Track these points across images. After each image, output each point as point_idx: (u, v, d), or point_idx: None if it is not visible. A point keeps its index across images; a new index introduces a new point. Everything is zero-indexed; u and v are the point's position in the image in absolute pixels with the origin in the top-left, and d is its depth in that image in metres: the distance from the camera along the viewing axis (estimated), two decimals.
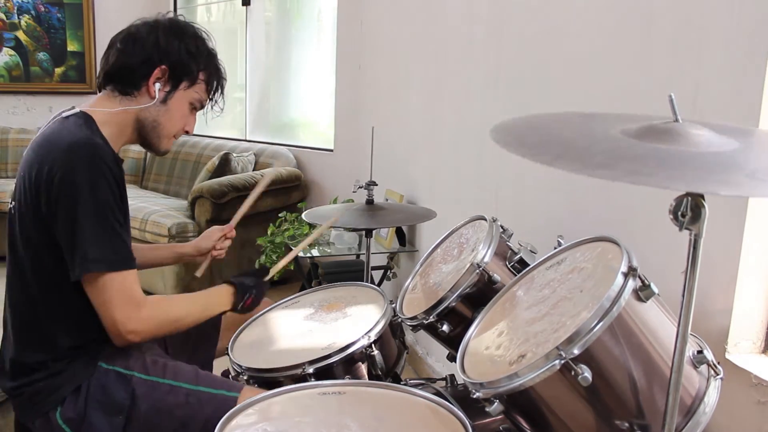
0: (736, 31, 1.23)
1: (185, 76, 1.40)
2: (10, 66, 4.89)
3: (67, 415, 1.32)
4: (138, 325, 1.29)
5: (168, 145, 1.46)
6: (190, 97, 1.43)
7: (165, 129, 1.43)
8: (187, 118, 1.46)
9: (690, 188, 0.76)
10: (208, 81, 1.45)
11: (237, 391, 1.35)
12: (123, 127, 1.40)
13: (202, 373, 1.41)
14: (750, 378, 1.21)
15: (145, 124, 1.41)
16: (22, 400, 1.36)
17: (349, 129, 3.64)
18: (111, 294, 1.27)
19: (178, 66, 1.39)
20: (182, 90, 1.41)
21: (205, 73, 1.43)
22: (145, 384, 1.35)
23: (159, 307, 1.35)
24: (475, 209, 1.68)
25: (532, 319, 1.11)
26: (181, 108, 1.43)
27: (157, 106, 1.39)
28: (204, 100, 1.47)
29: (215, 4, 5.02)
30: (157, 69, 1.37)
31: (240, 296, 1.45)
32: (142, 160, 4.81)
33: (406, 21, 2.93)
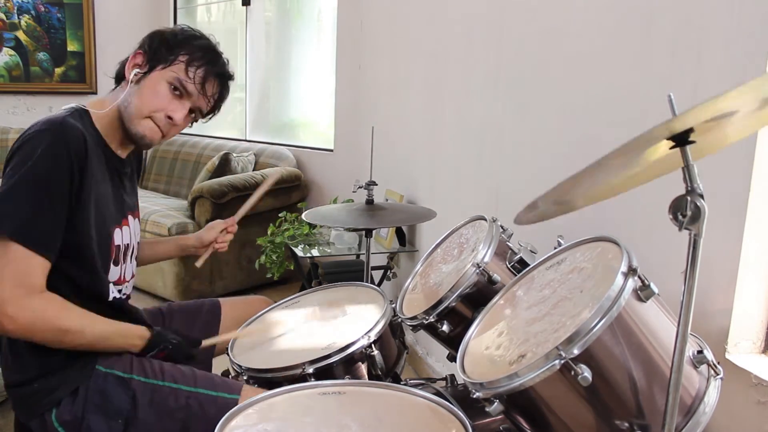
0: (736, 31, 1.23)
1: (161, 56, 1.38)
2: (10, 66, 4.89)
3: (63, 418, 1.31)
4: (19, 311, 1.21)
5: (143, 126, 1.37)
6: (166, 76, 1.37)
7: (135, 108, 1.36)
8: (168, 100, 1.38)
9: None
10: (190, 61, 1.38)
11: (237, 393, 1.34)
12: (113, 123, 1.40)
13: (200, 374, 1.41)
14: (750, 378, 1.21)
15: (120, 109, 1.38)
16: (19, 400, 1.36)
17: (349, 129, 3.64)
18: (5, 265, 1.20)
19: (153, 49, 1.39)
20: (158, 71, 1.38)
21: (186, 53, 1.39)
22: (145, 387, 1.34)
23: (52, 306, 1.26)
24: (475, 209, 1.68)
25: (532, 319, 1.11)
26: (154, 86, 1.37)
27: (131, 88, 1.38)
28: (186, 82, 1.38)
29: (215, 4, 5.02)
30: (131, 56, 1.41)
31: (153, 343, 1.38)
32: (142, 160, 4.82)
33: (406, 21, 2.93)
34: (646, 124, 0.93)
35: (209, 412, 1.32)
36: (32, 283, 1.23)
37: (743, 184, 1.22)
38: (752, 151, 1.20)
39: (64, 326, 1.27)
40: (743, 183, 1.22)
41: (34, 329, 1.25)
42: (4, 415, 2.25)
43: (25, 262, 1.21)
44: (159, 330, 1.42)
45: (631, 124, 1.50)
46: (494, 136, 2.15)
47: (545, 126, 1.86)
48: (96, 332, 1.31)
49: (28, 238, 1.21)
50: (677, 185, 0.87)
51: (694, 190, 0.84)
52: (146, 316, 1.60)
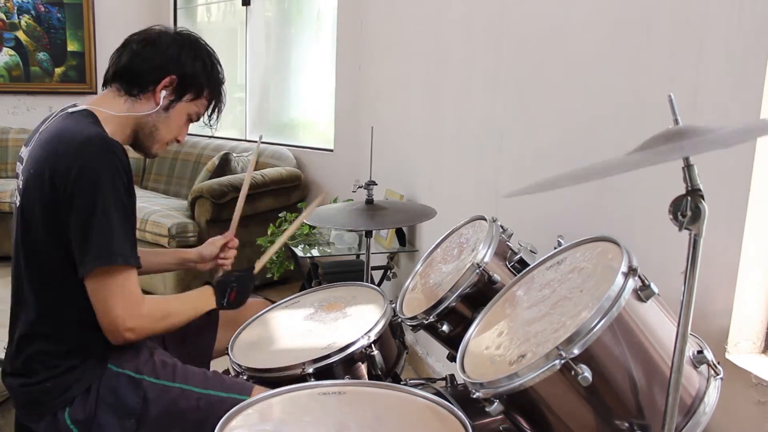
0: (736, 31, 1.23)
1: (192, 89, 1.44)
2: (10, 66, 4.89)
3: (76, 417, 1.32)
4: (137, 322, 1.31)
5: (159, 150, 1.50)
6: (189, 110, 1.47)
7: (161, 135, 1.46)
8: (182, 128, 1.50)
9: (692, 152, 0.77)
10: (210, 100, 1.49)
11: (247, 394, 1.34)
12: (123, 128, 1.42)
13: (211, 375, 1.42)
14: (750, 378, 1.21)
15: (144, 128, 1.44)
16: (30, 399, 1.36)
17: (349, 129, 3.64)
18: (114, 289, 1.28)
19: (187, 79, 1.42)
20: (185, 102, 1.45)
21: (210, 92, 1.48)
22: (155, 388, 1.35)
23: (156, 306, 1.38)
24: (475, 209, 1.68)
25: (532, 319, 1.11)
26: (180, 118, 1.46)
27: (158, 113, 1.43)
28: (201, 116, 1.51)
29: (215, 4, 5.02)
30: (167, 77, 1.40)
31: (221, 294, 1.48)
32: (142, 160, 4.81)
33: (406, 21, 2.93)
34: (646, 124, 0.94)
35: (220, 414, 1.32)
36: (138, 295, 1.32)
37: (743, 184, 1.22)
38: (752, 151, 1.20)
39: (168, 316, 1.40)
40: (743, 183, 1.22)
41: (152, 331, 1.37)
42: (4, 415, 2.25)
43: (128, 280, 1.30)
44: (217, 280, 1.53)
45: (631, 124, 1.50)
46: (494, 136, 2.14)
47: (545, 126, 1.86)
48: (188, 307, 1.45)
49: (128, 259, 1.29)
50: (677, 185, 0.87)
51: (694, 190, 0.84)
52: None
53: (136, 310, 1.30)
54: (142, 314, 1.32)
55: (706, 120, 1.27)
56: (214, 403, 1.34)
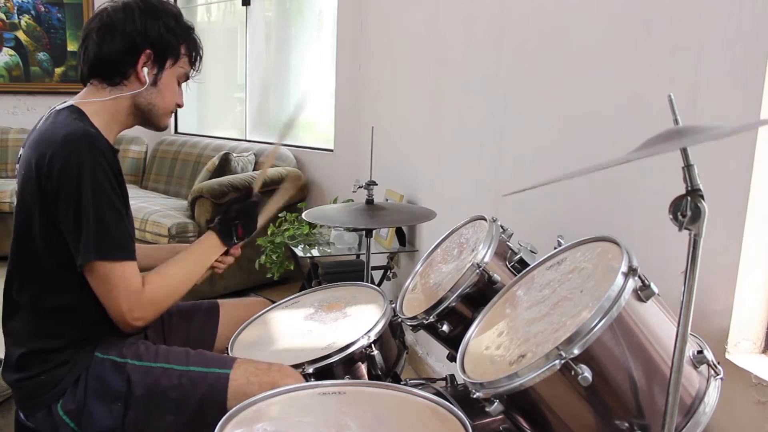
0: (736, 31, 1.23)
1: (170, 54, 1.41)
2: (10, 66, 4.89)
3: (68, 407, 1.33)
4: (144, 310, 1.33)
5: (167, 121, 1.50)
6: (176, 73, 1.45)
7: (161, 108, 1.45)
8: (179, 93, 1.48)
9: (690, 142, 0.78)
10: (190, 54, 1.46)
11: (229, 368, 1.35)
12: (116, 115, 1.41)
13: (194, 353, 1.42)
14: (750, 378, 1.21)
15: (141, 108, 1.43)
16: (25, 394, 1.37)
17: (349, 129, 3.64)
18: (114, 284, 1.29)
19: (161, 47, 1.39)
20: (168, 68, 1.42)
21: (186, 46, 1.45)
22: (138, 370, 1.36)
23: (158, 287, 1.37)
24: (475, 209, 1.68)
25: (532, 319, 1.11)
26: (171, 86, 1.45)
27: (149, 89, 1.41)
28: (189, 72, 1.48)
29: (215, 4, 5.02)
30: (142, 54, 1.38)
31: (226, 235, 1.49)
32: (142, 160, 4.81)
33: (406, 21, 2.93)
34: (646, 124, 0.94)
35: (202, 389, 1.33)
36: (138, 284, 1.32)
37: (743, 184, 1.22)
38: (752, 151, 1.20)
39: (173, 289, 1.40)
40: (743, 183, 1.22)
41: (162, 309, 1.38)
42: (3, 415, 2.25)
43: (125, 272, 1.30)
44: (218, 220, 1.51)
45: (631, 124, 1.50)
46: (494, 136, 2.15)
47: (545, 126, 1.86)
48: (191, 265, 1.45)
49: (119, 253, 1.29)
50: (677, 185, 0.87)
51: (694, 190, 0.84)
52: None
53: (137, 301, 1.31)
54: (144, 302, 1.32)
55: (706, 120, 1.27)
56: (196, 379, 1.35)
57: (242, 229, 1.51)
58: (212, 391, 1.32)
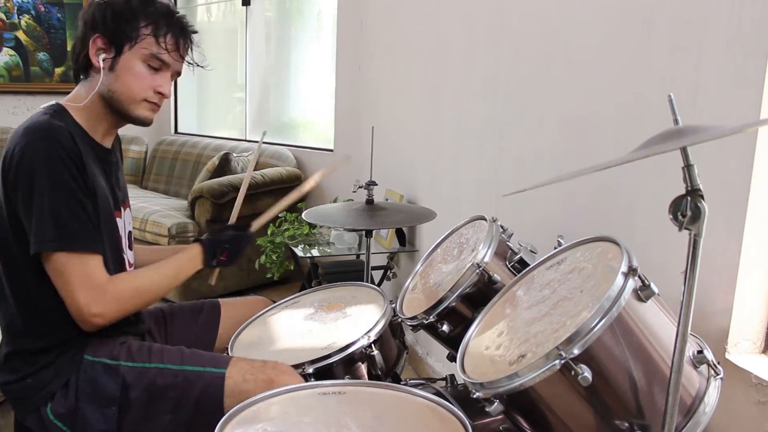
0: (736, 31, 1.23)
1: (122, 35, 1.33)
2: (10, 66, 4.89)
3: (58, 411, 1.32)
4: (102, 307, 1.28)
5: (140, 110, 1.38)
6: (139, 55, 1.35)
7: (123, 95, 1.36)
8: (151, 78, 1.37)
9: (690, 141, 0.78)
10: (156, 32, 1.35)
11: (224, 367, 1.34)
12: (95, 110, 1.38)
13: (188, 351, 1.40)
14: (750, 378, 1.21)
15: (104, 98, 1.36)
16: (13, 397, 1.37)
17: (349, 129, 3.64)
18: (70, 276, 1.25)
19: (109, 29, 1.33)
20: (127, 52, 1.34)
21: (148, 25, 1.34)
22: (133, 371, 1.34)
23: (124, 284, 1.33)
24: (475, 209, 1.68)
25: (532, 319, 1.11)
26: (131, 69, 1.34)
27: (107, 76, 1.34)
28: (161, 53, 1.36)
29: (215, 4, 5.02)
30: (91, 41, 1.33)
31: (210, 253, 1.44)
32: (142, 160, 4.81)
33: (406, 21, 2.93)
34: (646, 124, 0.94)
35: (197, 387, 1.32)
36: (99, 280, 1.28)
37: (743, 184, 1.22)
38: (752, 151, 1.20)
39: (138, 290, 1.35)
40: (743, 183, 1.22)
41: (123, 311, 1.33)
42: (4, 415, 2.25)
43: (85, 265, 1.26)
44: (208, 238, 1.46)
45: (631, 124, 1.50)
46: (494, 136, 2.14)
47: (545, 126, 1.86)
48: (164, 275, 1.40)
49: (77, 244, 1.26)
50: (677, 185, 0.87)
51: (694, 190, 0.84)
52: (147, 313, 1.61)
53: (99, 295, 1.27)
54: (106, 298, 1.28)
55: (706, 120, 1.27)
56: (192, 378, 1.34)
57: (227, 255, 1.46)
58: (209, 390, 1.31)
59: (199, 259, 1.45)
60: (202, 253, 1.45)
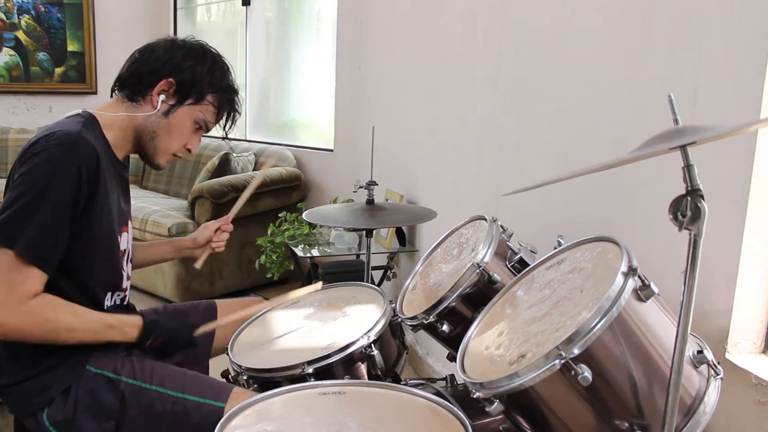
0: (736, 31, 1.23)
1: (192, 93, 1.41)
2: (10, 66, 4.89)
3: (55, 418, 1.32)
4: (9, 316, 1.23)
5: (164, 160, 1.46)
6: (194, 116, 1.44)
7: (162, 142, 1.43)
8: (190, 136, 1.46)
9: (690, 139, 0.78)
10: (219, 107, 1.47)
11: (224, 400, 1.33)
12: (125, 133, 1.41)
13: (190, 377, 1.38)
14: (750, 378, 1.21)
15: (144, 133, 1.42)
16: (11, 400, 1.36)
17: (349, 129, 3.64)
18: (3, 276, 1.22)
19: (186, 82, 1.40)
20: (187, 106, 1.42)
21: (217, 98, 1.45)
22: (133, 389, 1.34)
23: (43, 309, 1.27)
24: (475, 209, 1.68)
25: (532, 319, 1.11)
26: (182, 124, 1.43)
27: (158, 117, 1.41)
28: (210, 123, 1.47)
29: (215, 4, 5.02)
30: (163, 81, 1.39)
31: (146, 333, 1.36)
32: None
33: (406, 21, 2.93)
34: (646, 124, 0.94)
35: (195, 419, 1.31)
36: (27, 291, 1.24)
37: (743, 184, 1.22)
38: (752, 151, 1.20)
39: (54, 327, 1.28)
40: (743, 183, 1.22)
41: (25, 332, 1.27)
42: (4, 415, 2.25)
43: (23, 272, 1.23)
44: (153, 318, 1.40)
45: (631, 124, 1.50)
46: (494, 136, 2.15)
47: (545, 126, 1.86)
48: (87, 328, 1.32)
49: (31, 254, 1.23)
50: (677, 185, 0.87)
51: (694, 190, 0.84)
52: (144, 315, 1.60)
53: (13, 303, 1.22)
54: (16, 311, 1.23)
55: (706, 120, 1.27)
56: (190, 408, 1.33)
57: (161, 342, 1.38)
58: (205, 424, 1.28)
59: (135, 332, 1.36)
60: (140, 328, 1.36)
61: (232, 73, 1.50)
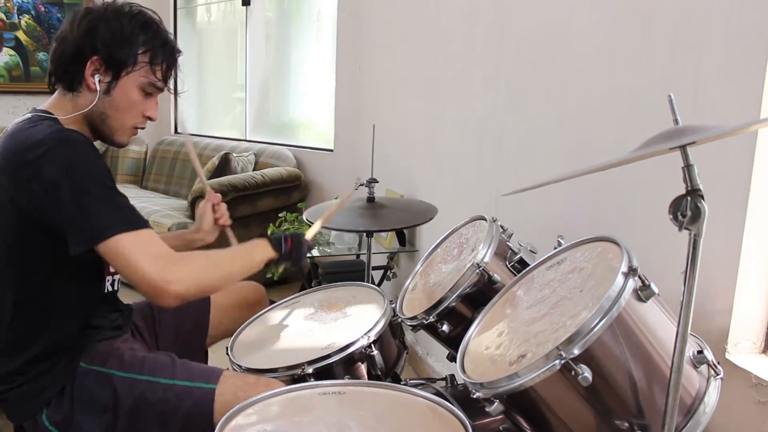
0: (736, 31, 1.23)
1: (124, 61, 1.29)
2: (10, 66, 4.89)
3: (54, 418, 1.32)
4: (177, 273, 1.20)
5: (125, 137, 1.38)
6: (137, 82, 1.32)
7: (116, 121, 1.34)
8: (143, 104, 1.35)
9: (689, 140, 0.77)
10: (152, 60, 1.32)
11: (215, 382, 1.32)
12: (80, 124, 1.34)
13: (180, 364, 1.38)
14: (750, 378, 1.21)
15: (94, 118, 1.33)
16: (9, 405, 1.36)
17: (349, 129, 3.64)
18: (136, 254, 1.18)
19: (113, 53, 1.28)
20: (124, 77, 1.31)
21: (150, 55, 1.32)
22: (124, 381, 1.34)
23: (193, 255, 1.31)
24: (475, 209, 1.68)
25: (532, 319, 1.11)
26: (128, 95, 1.32)
27: (101, 99, 1.31)
28: (157, 81, 1.34)
29: (215, 4, 5.02)
30: (88, 61, 1.29)
31: (277, 243, 1.42)
32: (142, 160, 4.81)
33: (406, 21, 2.93)
34: (646, 124, 0.94)
35: (188, 404, 1.31)
36: (163, 250, 1.22)
37: (743, 184, 1.22)
38: (752, 151, 1.20)
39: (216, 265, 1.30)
40: (743, 183, 1.22)
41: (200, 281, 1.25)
42: (4, 416, 2.24)
43: (143, 240, 1.21)
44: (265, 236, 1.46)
45: (631, 124, 1.50)
46: (494, 136, 2.14)
47: (545, 126, 1.86)
48: (238, 255, 1.38)
49: (136, 224, 1.21)
50: (677, 185, 0.87)
51: (694, 190, 0.84)
52: (135, 309, 1.60)
53: (169, 263, 1.20)
54: (178, 265, 1.21)
55: (707, 120, 1.27)
56: (181, 393, 1.33)
57: (291, 243, 1.44)
58: (199, 407, 1.30)
59: (268, 246, 1.41)
60: (268, 241, 1.42)
61: (157, 21, 1.36)
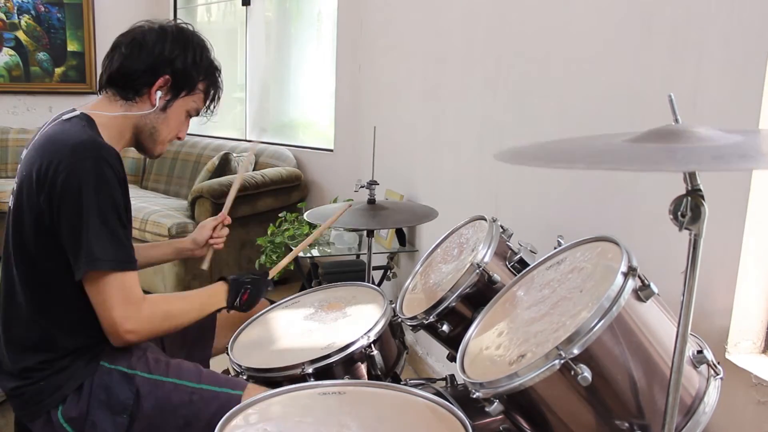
0: (736, 31, 1.23)
1: (187, 85, 1.43)
2: (10, 66, 4.89)
3: (69, 415, 1.32)
4: (136, 324, 1.30)
5: (162, 149, 1.51)
6: (187, 106, 1.46)
7: (161, 135, 1.46)
8: (182, 124, 1.50)
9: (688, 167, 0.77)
10: (207, 91, 1.48)
11: (241, 389, 1.35)
12: (122, 131, 1.42)
13: (206, 371, 1.42)
14: (750, 378, 1.21)
15: (143, 129, 1.44)
16: (24, 400, 1.36)
17: (349, 129, 3.64)
18: (110, 293, 1.28)
19: (181, 76, 1.41)
20: (181, 99, 1.44)
21: (205, 83, 1.47)
22: (148, 383, 1.35)
23: (157, 306, 1.36)
24: (475, 209, 1.68)
25: (532, 319, 1.11)
26: (178, 116, 1.46)
27: (156, 113, 1.42)
28: (200, 109, 1.50)
29: (215, 4, 5.02)
30: (161, 78, 1.40)
31: (233, 293, 1.46)
32: (142, 160, 4.81)
33: (406, 21, 2.93)
34: (646, 124, 0.94)
35: (211, 408, 1.33)
36: (135, 296, 1.30)
37: (743, 184, 1.22)
38: None
39: (170, 316, 1.38)
40: (743, 183, 1.22)
41: (154, 332, 1.36)
42: (4, 415, 2.25)
43: (123, 283, 1.29)
44: (232, 278, 1.50)
45: (631, 124, 1.50)
46: (494, 136, 2.14)
47: (545, 126, 1.86)
48: (194, 306, 1.44)
49: (117, 265, 1.28)
50: (677, 185, 0.87)
51: (694, 190, 0.84)
52: None
53: (134, 312, 1.30)
54: (141, 316, 1.31)
55: (706, 120, 1.27)
56: (207, 397, 1.35)
57: (248, 296, 1.48)
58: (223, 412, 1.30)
59: (223, 297, 1.46)
60: (226, 291, 1.47)
61: (212, 50, 1.49)
